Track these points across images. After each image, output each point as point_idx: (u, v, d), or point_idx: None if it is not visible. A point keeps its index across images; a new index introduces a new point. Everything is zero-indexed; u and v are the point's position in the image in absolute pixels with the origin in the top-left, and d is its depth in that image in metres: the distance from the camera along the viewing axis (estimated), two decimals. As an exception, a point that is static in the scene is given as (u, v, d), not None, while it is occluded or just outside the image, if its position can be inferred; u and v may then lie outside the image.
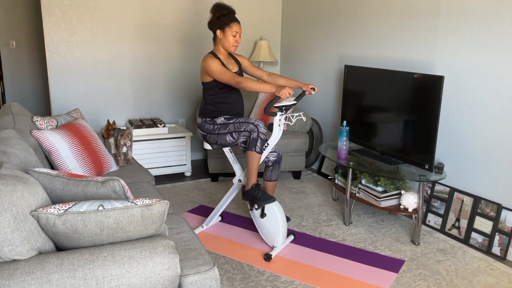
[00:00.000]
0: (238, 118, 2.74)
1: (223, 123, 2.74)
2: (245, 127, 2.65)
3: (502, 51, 2.69)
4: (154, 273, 1.42)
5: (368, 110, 3.37)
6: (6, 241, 1.31)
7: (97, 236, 1.42)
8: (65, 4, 3.85)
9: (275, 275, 2.51)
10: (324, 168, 4.24)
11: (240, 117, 2.75)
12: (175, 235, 1.94)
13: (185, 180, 4.10)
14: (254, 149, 2.63)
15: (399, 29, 3.37)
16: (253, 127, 2.63)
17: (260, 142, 2.63)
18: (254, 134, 2.63)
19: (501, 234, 2.74)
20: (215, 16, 2.75)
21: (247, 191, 2.73)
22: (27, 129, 2.49)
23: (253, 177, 2.71)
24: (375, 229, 3.13)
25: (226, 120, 2.75)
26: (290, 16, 4.74)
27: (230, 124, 2.71)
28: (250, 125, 2.64)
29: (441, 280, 2.48)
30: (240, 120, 2.70)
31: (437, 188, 3.15)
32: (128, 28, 4.14)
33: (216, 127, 2.76)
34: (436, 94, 2.77)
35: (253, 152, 2.64)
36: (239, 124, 2.68)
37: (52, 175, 1.60)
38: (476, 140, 2.91)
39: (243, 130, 2.67)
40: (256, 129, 2.62)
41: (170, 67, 4.42)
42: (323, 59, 4.27)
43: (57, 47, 3.90)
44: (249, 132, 2.65)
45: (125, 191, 1.57)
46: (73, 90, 4.05)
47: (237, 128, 2.68)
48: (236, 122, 2.70)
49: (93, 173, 2.63)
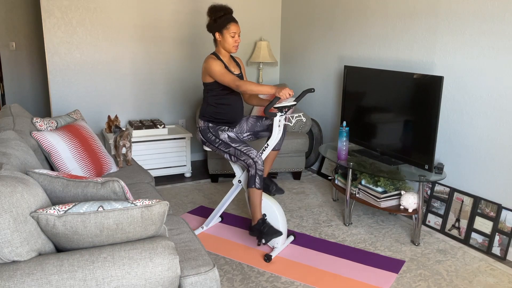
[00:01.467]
0: (241, 144, 2.71)
1: (225, 142, 2.74)
2: (245, 158, 2.66)
3: (501, 51, 2.69)
4: (154, 274, 1.42)
5: (368, 110, 3.37)
6: (6, 242, 1.31)
7: (97, 237, 1.42)
8: (64, 6, 3.85)
9: (275, 275, 2.51)
10: (324, 169, 4.24)
11: (242, 144, 2.71)
12: (175, 236, 1.94)
13: (185, 181, 4.10)
14: (254, 186, 2.64)
15: (398, 29, 3.37)
16: (251, 162, 2.63)
17: (259, 178, 2.63)
18: (252, 171, 2.64)
19: (501, 234, 2.74)
20: (212, 19, 2.74)
21: (254, 227, 2.72)
22: (27, 131, 2.49)
23: (258, 212, 2.70)
24: (375, 229, 3.13)
25: (229, 140, 2.73)
26: (290, 17, 4.74)
27: (232, 148, 2.71)
28: (250, 159, 2.64)
29: (441, 280, 2.48)
30: (242, 148, 2.68)
31: (437, 189, 3.15)
32: (128, 29, 4.14)
33: (217, 141, 2.76)
34: (436, 95, 2.77)
35: (253, 189, 2.65)
36: (240, 152, 2.68)
37: (52, 176, 1.60)
38: (476, 140, 2.91)
39: (242, 160, 2.68)
40: (254, 166, 2.63)
41: (170, 68, 4.43)
42: (323, 59, 4.27)
43: (57, 48, 3.90)
44: (247, 165, 2.66)
45: (125, 192, 1.57)
46: (73, 91, 4.05)
47: (237, 155, 2.69)
48: (238, 149, 2.69)
49: (93, 174, 2.63)
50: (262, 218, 2.71)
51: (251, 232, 2.74)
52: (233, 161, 2.75)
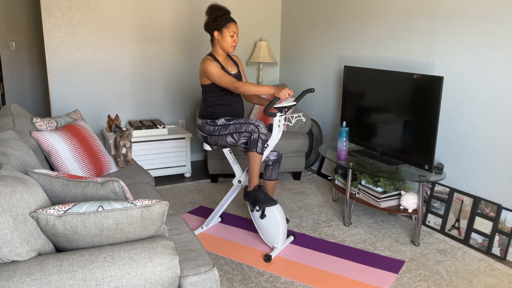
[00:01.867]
0: (239, 119, 2.74)
1: (224, 124, 2.74)
2: (246, 127, 2.65)
3: (501, 51, 2.69)
4: (154, 274, 1.42)
5: (368, 110, 3.37)
6: (6, 242, 1.31)
7: (96, 237, 1.42)
8: (64, 6, 3.85)
9: (275, 276, 2.51)
10: (324, 169, 4.24)
11: (240, 118, 2.74)
12: (174, 236, 1.94)
13: (185, 181, 4.10)
14: (255, 149, 2.63)
15: (398, 29, 3.38)
16: (253, 127, 2.63)
17: (261, 142, 2.62)
18: (254, 135, 2.63)
19: (501, 234, 2.74)
20: (211, 18, 2.75)
21: (249, 192, 2.72)
22: (26, 131, 2.49)
23: (255, 178, 2.70)
24: (375, 229, 3.13)
25: (226, 121, 2.75)
26: (290, 17, 4.74)
27: (231, 125, 2.71)
28: (251, 125, 2.64)
29: (441, 280, 2.48)
30: (241, 121, 2.70)
31: (437, 189, 3.15)
32: (127, 29, 4.14)
33: (216, 129, 2.76)
34: (436, 95, 2.77)
35: (254, 152, 2.64)
36: (239, 125, 2.68)
37: (51, 176, 1.60)
38: (475, 141, 2.91)
39: (243, 131, 2.67)
40: (256, 130, 2.62)
41: (169, 68, 4.43)
42: (323, 60, 4.28)
43: (57, 48, 3.90)
44: (249, 132, 2.65)
45: (124, 192, 1.57)
46: (72, 92, 4.05)
47: (238, 129, 2.68)
48: (237, 123, 2.70)
49: (92, 174, 2.63)
50: (259, 184, 2.72)
51: (246, 197, 2.75)
52: (237, 140, 2.72)
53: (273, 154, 2.87)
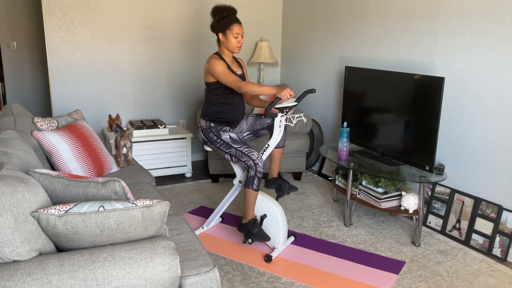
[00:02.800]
0: (243, 145, 2.72)
1: (227, 143, 2.74)
2: (246, 160, 2.67)
3: (502, 52, 2.69)
4: (155, 274, 1.42)
5: (369, 111, 3.37)
6: (7, 242, 1.31)
7: (97, 237, 1.42)
8: (66, 5, 3.85)
9: (276, 276, 2.51)
10: (325, 169, 4.24)
11: (244, 145, 2.72)
12: (175, 236, 1.94)
13: (185, 181, 4.10)
14: (251, 187, 2.67)
15: (399, 30, 3.37)
16: (252, 164, 2.64)
17: (257, 180, 2.66)
18: (251, 172, 2.65)
19: (501, 235, 2.74)
20: (216, 20, 2.75)
21: (244, 225, 2.76)
22: (28, 130, 2.49)
23: (251, 212, 2.74)
24: (375, 230, 3.13)
25: (230, 141, 2.74)
26: (291, 17, 4.74)
27: (233, 149, 2.72)
28: (251, 161, 2.65)
29: (441, 281, 2.48)
30: (244, 150, 2.69)
31: (437, 189, 3.14)
32: (128, 29, 4.15)
33: (219, 141, 2.77)
34: (437, 95, 2.77)
35: (250, 190, 2.67)
36: (241, 153, 2.69)
37: (52, 176, 1.60)
38: (476, 141, 2.91)
39: (243, 161, 2.69)
40: (254, 168, 2.64)
41: (170, 68, 4.43)
42: (324, 60, 4.27)
43: (58, 48, 3.91)
44: (247, 166, 2.67)
45: (125, 192, 1.57)
46: (74, 91, 4.06)
47: (238, 156, 2.71)
48: (239, 150, 2.70)
49: (93, 174, 2.63)
50: (254, 219, 2.75)
51: (240, 228, 2.78)
52: (234, 161, 2.76)
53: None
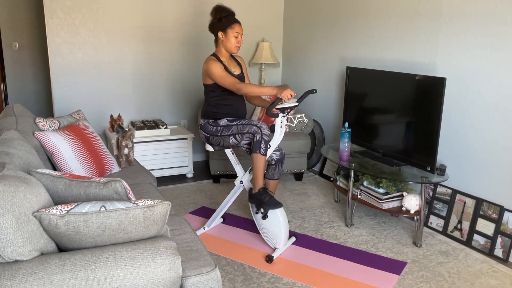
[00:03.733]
0: (241, 120, 2.74)
1: (226, 125, 2.75)
2: (248, 129, 2.65)
3: (504, 52, 2.69)
4: (156, 274, 1.42)
5: (370, 111, 3.37)
6: (9, 241, 1.31)
7: (99, 237, 1.42)
8: (67, 6, 3.86)
9: (277, 276, 2.51)
10: (326, 170, 4.24)
11: (242, 119, 2.74)
12: (177, 236, 1.94)
13: (187, 182, 4.10)
14: (259, 151, 2.63)
15: (400, 30, 3.37)
16: (256, 129, 2.63)
17: (264, 143, 2.62)
18: (257, 136, 2.63)
19: (503, 236, 2.74)
20: (216, 18, 2.76)
21: (254, 194, 2.71)
22: (29, 131, 2.50)
23: (260, 180, 2.69)
24: (377, 231, 3.12)
25: (229, 122, 2.75)
26: (292, 18, 4.74)
27: (233, 126, 2.71)
28: (254, 127, 2.64)
29: (443, 282, 2.48)
30: (243, 122, 2.70)
31: (439, 190, 3.14)
32: (130, 29, 4.15)
33: (219, 129, 2.77)
34: (438, 96, 2.77)
35: (258, 154, 2.64)
36: (242, 126, 2.68)
37: (54, 176, 1.60)
38: (478, 142, 2.91)
39: (246, 132, 2.66)
40: (259, 131, 2.62)
41: (172, 68, 4.43)
42: (325, 60, 4.27)
43: (59, 48, 3.91)
44: (252, 134, 2.65)
45: (127, 192, 1.57)
46: (75, 92, 4.06)
47: (240, 130, 2.68)
48: (239, 124, 2.70)
49: (95, 174, 2.64)
50: (264, 187, 2.71)
51: (251, 199, 2.74)
52: (239, 141, 2.72)
53: (276, 153, 2.87)
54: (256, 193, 2.71)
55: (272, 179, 2.91)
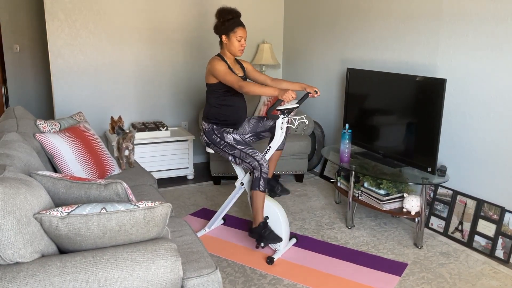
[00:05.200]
0: (246, 146, 2.71)
1: (231, 144, 2.74)
2: (250, 161, 2.66)
3: (504, 53, 2.69)
4: (157, 276, 1.42)
5: (371, 113, 3.37)
6: (9, 243, 1.31)
7: (99, 239, 1.42)
8: (68, 8, 3.87)
9: (278, 278, 2.51)
10: (327, 171, 4.24)
11: (248, 146, 2.72)
12: (177, 238, 1.94)
13: (187, 183, 4.10)
14: (258, 188, 2.65)
15: (401, 32, 3.37)
16: (257, 165, 2.63)
17: (263, 181, 2.64)
18: (256, 173, 2.64)
19: (504, 237, 2.73)
20: (220, 21, 2.75)
21: (254, 229, 2.72)
22: (30, 132, 2.50)
23: (260, 215, 2.71)
24: (377, 232, 3.12)
25: (234, 143, 2.74)
26: (293, 20, 4.75)
27: (237, 150, 2.71)
28: (255, 162, 2.64)
29: (444, 283, 2.47)
30: (248, 151, 2.68)
31: (440, 191, 3.14)
32: (131, 31, 4.16)
33: (222, 143, 2.76)
34: (439, 97, 2.77)
35: (257, 191, 2.65)
36: (245, 154, 2.68)
37: (55, 178, 1.60)
38: (479, 143, 2.91)
39: (247, 162, 2.68)
40: (259, 169, 2.63)
41: (172, 70, 4.44)
42: (326, 62, 4.28)
43: (60, 50, 3.92)
44: (252, 167, 2.66)
45: (127, 194, 1.57)
46: (76, 94, 4.07)
47: (242, 157, 2.69)
48: (243, 151, 2.69)
49: (95, 176, 2.64)
50: (264, 221, 2.72)
51: (251, 234, 2.75)
52: (238, 163, 2.74)
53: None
54: (256, 227, 2.72)
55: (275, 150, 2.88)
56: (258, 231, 2.69)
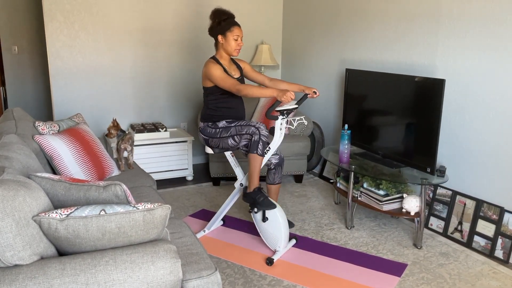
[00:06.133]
0: (240, 121, 2.75)
1: (225, 127, 2.75)
2: (247, 130, 2.66)
3: (503, 53, 2.69)
4: (156, 278, 1.42)
5: (370, 113, 3.37)
6: (8, 246, 1.31)
7: (99, 241, 1.42)
8: (67, 10, 3.86)
9: (277, 279, 2.51)
10: (326, 172, 4.24)
11: (241, 121, 2.75)
12: (177, 239, 1.94)
13: (186, 184, 4.10)
14: (256, 151, 2.64)
15: (400, 32, 3.38)
16: (254, 129, 2.64)
17: (262, 144, 2.63)
18: (255, 137, 2.63)
19: (503, 237, 2.73)
20: (215, 22, 2.76)
21: (249, 193, 2.73)
22: (29, 134, 2.49)
23: (256, 180, 2.71)
24: (377, 232, 3.12)
25: (227, 124, 2.76)
26: (291, 20, 4.75)
27: (232, 128, 2.72)
28: (252, 127, 2.64)
29: (444, 284, 2.47)
30: (242, 123, 2.71)
31: (439, 192, 3.14)
32: (130, 33, 4.16)
33: (218, 131, 2.77)
34: (438, 97, 2.77)
35: (255, 154, 2.64)
36: (240, 127, 2.69)
37: (54, 180, 1.60)
38: (478, 143, 2.91)
39: (244, 133, 2.67)
40: (257, 132, 2.63)
41: (171, 71, 4.44)
42: (324, 62, 4.28)
43: (59, 52, 3.92)
44: (250, 134, 2.65)
45: (126, 195, 1.57)
46: (75, 95, 4.06)
47: (239, 131, 2.69)
48: (238, 125, 2.71)
49: (95, 177, 2.63)
50: (259, 187, 2.72)
51: (245, 198, 2.76)
52: (237, 141, 2.72)
53: (275, 157, 2.87)
54: (251, 192, 2.72)
55: (273, 184, 2.91)
56: (253, 195, 2.70)
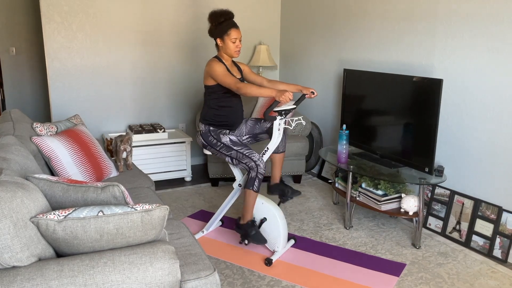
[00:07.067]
0: (243, 147, 2.71)
1: (227, 145, 2.74)
2: (247, 161, 2.66)
3: (501, 53, 2.70)
4: (155, 279, 1.42)
5: (368, 113, 3.38)
6: (6, 247, 1.31)
7: (97, 242, 1.42)
8: (65, 11, 3.86)
9: (276, 279, 2.51)
10: (324, 172, 4.24)
11: (244, 147, 2.71)
12: (175, 240, 1.93)
13: (185, 185, 4.10)
14: (252, 188, 2.66)
15: (397, 32, 3.38)
16: (254, 165, 2.64)
17: (258, 181, 2.65)
18: (253, 173, 2.65)
19: (502, 236, 2.74)
20: (213, 25, 2.75)
21: (242, 225, 2.77)
22: (27, 136, 2.49)
23: (249, 213, 2.74)
24: (376, 232, 3.12)
25: (231, 143, 2.74)
26: (289, 21, 4.75)
27: (233, 151, 2.71)
28: (252, 162, 2.65)
29: (442, 283, 2.48)
30: (245, 151, 2.68)
31: (437, 191, 3.14)
32: (128, 33, 4.15)
33: (219, 144, 2.76)
34: (436, 97, 2.77)
35: (250, 190, 2.67)
36: (242, 155, 2.68)
37: (52, 181, 1.60)
38: (476, 143, 2.91)
39: (244, 163, 2.68)
40: (256, 169, 2.64)
41: (170, 72, 4.43)
42: (322, 63, 4.28)
43: (57, 53, 3.91)
44: (249, 168, 2.67)
45: (125, 196, 1.57)
46: (73, 96, 4.06)
47: (239, 158, 2.69)
48: (240, 152, 2.69)
49: (93, 179, 2.63)
50: (252, 220, 2.76)
51: (237, 229, 2.79)
52: (234, 164, 2.75)
53: None
54: (244, 224, 2.76)
55: (277, 153, 2.89)
56: (245, 228, 2.74)
